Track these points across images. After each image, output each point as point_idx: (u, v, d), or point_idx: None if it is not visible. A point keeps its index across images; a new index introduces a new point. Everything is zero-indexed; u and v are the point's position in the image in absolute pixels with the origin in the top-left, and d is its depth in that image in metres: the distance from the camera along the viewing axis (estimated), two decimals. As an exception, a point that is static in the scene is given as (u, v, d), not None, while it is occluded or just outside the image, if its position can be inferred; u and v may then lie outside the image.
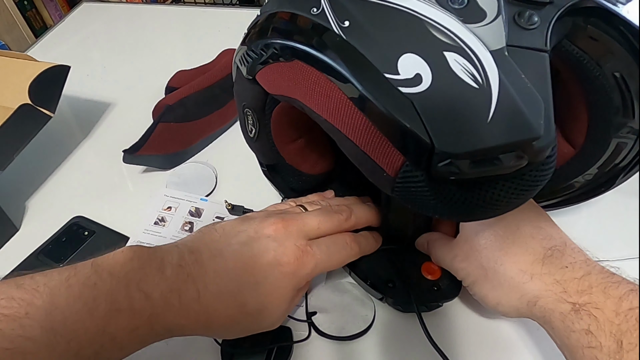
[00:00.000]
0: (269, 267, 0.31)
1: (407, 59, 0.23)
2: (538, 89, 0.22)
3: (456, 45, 0.22)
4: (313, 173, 0.41)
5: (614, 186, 0.34)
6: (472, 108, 0.21)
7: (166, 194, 0.49)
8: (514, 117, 0.21)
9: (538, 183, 0.24)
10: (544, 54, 0.23)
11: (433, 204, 0.25)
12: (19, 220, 0.49)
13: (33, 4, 1.44)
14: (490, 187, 0.24)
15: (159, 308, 0.28)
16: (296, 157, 0.39)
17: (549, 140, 0.22)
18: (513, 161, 0.22)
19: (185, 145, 0.54)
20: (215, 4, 1.01)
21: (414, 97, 0.22)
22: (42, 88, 0.50)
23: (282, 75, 0.29)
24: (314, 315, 0.38)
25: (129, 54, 0.77)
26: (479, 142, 0.21)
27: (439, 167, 0.22)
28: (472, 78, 0.22)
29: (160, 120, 0.52)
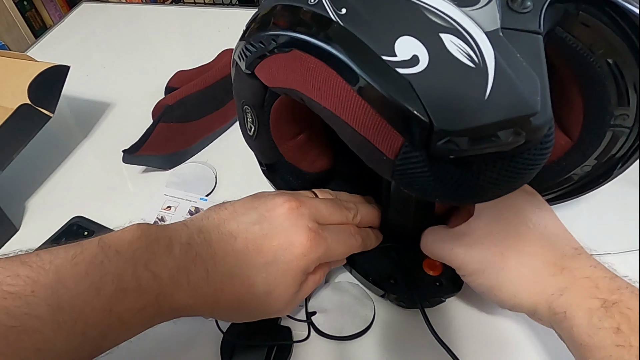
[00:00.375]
0: (279, 247, 0.30)
1: (404, 41, 0.23)
2: (533, 68, 0.22)
3: (451, 27, 0.23)
4: (312, 171, 0.41)
5: (612, 177, 0.35)
6: (469, 86, 0.22)
7: (166, 193, 0.49)
8: (510, 94, 0.22)
9: (536, 162, 0.24)
10: (537, 36, 0.23)
11: (433, 185, 0.25)
12: (19, 220, 0.49)
13: (33, 4, 1.44)
14: (489, 166, 0.24)
15: (167, 288, 0.27)
16: (295, 154, 0.39)
17: (546, 117, 0.22)
18: (511, 138, 0.22)
19: (185, 145, 0.54)
20: (215, 4, 1.01)
21: (411, 78, 0.22)
22: (41, 88, 0.50)
23: (280, 67, 0.30)
24: (313, 316, 0.38)
25: (129, 54, 0.77)
26: (476, 119, 0.22)
27: (438, 145, 0.22)
28: (468, 58, 0.22)
29: (160, 120, 0.52)
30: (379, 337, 0.37)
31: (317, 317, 0.38)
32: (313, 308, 0.38)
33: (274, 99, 0.34)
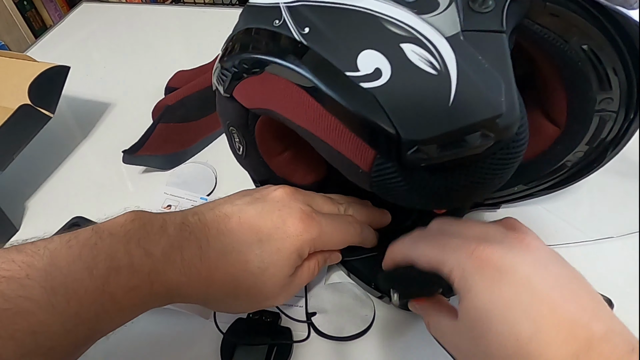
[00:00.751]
0: (273, 226, 0.31)
1: (366, 55, 0.23)
2: (497, 68, 0.22)
3: (411, 37, 0.23)
4: (305, 183, 0.41)
5: (605, 161, 0.35)
6: (432, 94, 0.22)
7: (166, 191, 0.49)
8: (474, 98, 0.22)
9: (511, 161, 0.24)
10: (500, 35, 0.23)
11: (410, 194, 0.25)
12: (19, 220, 0.49)
13: (33, 4, 1.44)
14: (462, 170, 0.24)
15: (160, 264, 0.27)
16: (286, 169, 0.39)
17: (512, 117, 0.22)
18: (479, 141, 0.22)
19: (185, 146, 0.54)
20: (215, 4, 1.01)
21: (375, 91, 0.23)
22: (41, 88, 0.50)
23: (255, 89, 0.30)
24: (313, 316, 0.38)
25: (129, 54, 0.77)
26: (442, 126, 0.22)
27: (408, 155, 0.23)
28: (430, 65, 0.22)
29: (160, 121, 0.52)
30: (379, 338, 0.37)
31: (317, 317, 0.38)
32: (313, 308, 0.38)
33: (256, 118, 0.34)
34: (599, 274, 0.40)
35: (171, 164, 0.53)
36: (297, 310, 0.39)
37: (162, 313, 0.40)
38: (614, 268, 0.40)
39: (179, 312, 0.39)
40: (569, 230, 0.43)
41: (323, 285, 0.40)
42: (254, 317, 0.38)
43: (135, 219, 0.28)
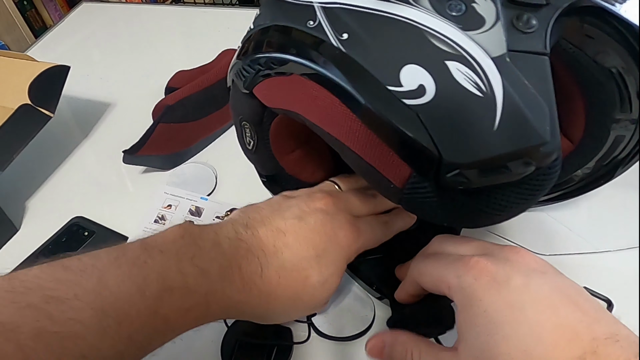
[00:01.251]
0: (327, 240, 0.31)
1: (409, 70, 0.22)
2: (541, 93, 0.22)
3: (457, 54, 0.22)
4: (313, 181, 0.41)
5: (613, 178, 0.34)
6: (477, 117, 0.21)
7: (166, 191, 0.49)
8: (519, 124, 0.21)
9: (544, 187, 0.24)
10: (544, 57, 0.22)
11: (440, 212, 0.25)
12: (19, 220, 0.49)
13: (33, 4, 1.44)
14: (497, 194, 0.24)
15: (217, 284, 0.26)
16: (296, 166, 0.39)
17: (554, 145, 0.22)
18: (521, 168, 0.22)
19: (185, 146, 0.54)
20: (215, 4, 1.01)
21: (418, 109, 0.22)
22: (42, 88, 0.50)
23: (281, 90, 0.29)
24: (313, 316, 0.38)
25: (129, 54, 0.77)
26: (486, 151, 0.21)
27: (448, 177, 0.22)
28: (475, 86, 0.21)
29: (161, 121, 0.52)
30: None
31: (317, 317, 0.38)
32: (313, 308, 0.38)
33: (273, 116, 0.33)
34: (599, 275, 0.40)
35: (171, 164, 0.53)
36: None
37: (162, 313, 0.40)
38: (615, 272, 0.40)
39: (179, 312, 0.39)
40: (573, 238, 0.43)
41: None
42: (254, 317, 0.38)
43: (185, 235, 0.27)
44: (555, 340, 0.22)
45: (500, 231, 0.44)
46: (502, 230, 0.44)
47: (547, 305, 0.23)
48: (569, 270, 0.40)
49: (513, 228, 0.44)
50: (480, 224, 0.27)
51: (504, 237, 0.43)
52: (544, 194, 0.35)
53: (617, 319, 0.24)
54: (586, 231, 0.43)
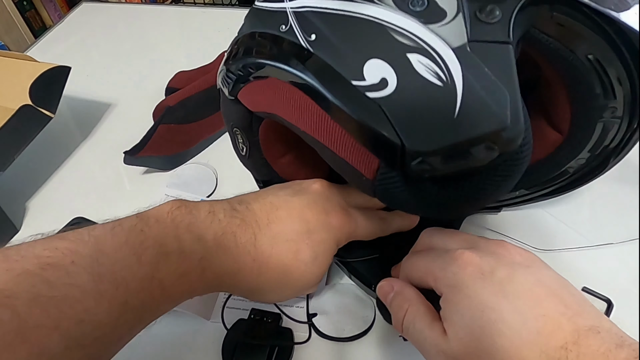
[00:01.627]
0: (319, 217, 0.32)
1: (372, 65, 0.23)
2: (503, 80, 0.22)
3: (418, 47, 0.23)
4: None
5: (607, 168, 0.35)
6: (438, 106, 0.22)
7: (167, 193, 0.49)
8: (479, 110, 0.22)
9: (513, 173, 0.24)
10: (507, 46, 0.23)
11: (413, 202, 0.26)
12: (19, 220, 0.49)
13: (32, 4, 1.44)
14: (466, 181, 0.24)
15: (212, 250, 0.27)
16: (289, 170, 0.39)
17: (517, 130, 0.22)
18: (484, 153, 0.22)
19: (185, 147, 0.54)
20: (215, 4, 1.01)
21: (381, 101, 0.23)
22: (42, 89, 0.50)
23: (260, 93, 0.30)
24: (314, 317, 0.38)
25: (129, 54, 0.77)
26: (447, 138, 0.22)
27: (413, 165, 0.23)
28: (436, 76, 0.22)
29: (161, 122, 0.52)
30: (380, 338, 0.37)
31: (318, 318, 0.38)
32: (314, 309, 0.38)
33: (260, 120, 0.34)
34: (599, 275, 0.40)
35: (172, 164, 0.53)
36: (298, 311, 0.39)
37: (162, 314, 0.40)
38: (614, 269, 0.40)
39: (180, 313, 0.39)
40: (570, 234, 0.43)
41: (324, 286, 0.40)
42: (255, 317, 0.38)
43: (181, 206, 0.28)
44: (538, 329, 0.22)
45: (497, 227, 0.44)
46: (498, 226, 0.44)
47: (530, 297, 0.24)
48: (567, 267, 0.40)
49: (509, 224, 0.44)
50: (454, 213, 0.27)
51: (500, 233, 0.43)
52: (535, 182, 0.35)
53: (600, 312, 0.24)
54: (582, 226, 0.43)
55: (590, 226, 0.43)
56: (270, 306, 0.39)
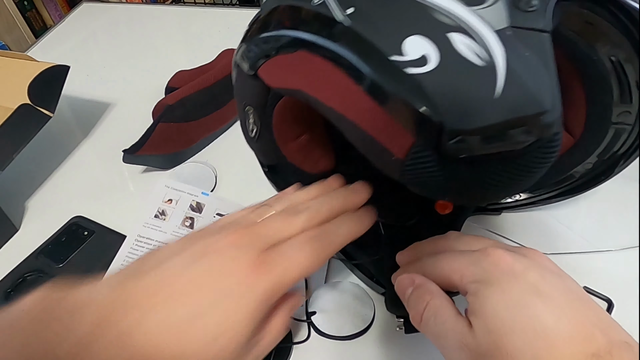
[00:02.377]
0: (220, 286, 0.25)
1: (412, 41, 0.23)
2: (542, 66, 0.22)
3: (459, 27, 0.23)
4: (315, 172, 0.41)
5: (613, 174, 0.35)
6: (479, 85, 0.22)
7: (167, 184, 0.48)
8: (520, 93, 0.22)
9: (545, 160, 0.24)
10: (546, 34, 0.23)
11: (443, 185, 0.25)
12: (19, 220, 0.49)
13: (33, 4, 1.44)
14: (499, 165, 0.24)
15: (85, 344, 0.22)
16: (298, 155, 0.39)
17: (556, 115, 0.22)
18: (521, 136, 0.22)
19: (185, 145, 0.54)
20: (215, 4, 1.01)
21: (421, 77, 0.22)
22: (41, 88, 0.50)
23: (285, 67, 0.29)
24: (313, 315, 0.38)
25: (129, 54, 0.77)
26: (487, 118, 0.22)
27: (449, 145, 0.22)
28: (477, 56, 0.22)
29: (160, 120, 0.52)
30: (380, 336, 0.37)
31: (317, 316, 0.38)
32: (313, 307, 0.38)
33: (276, 100, 0.34)
34: (600, 275, 0.40)
35: (171, 163, 0.53)
36: (298, 310, 0.39)
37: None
38: (615, 269, 0.40)
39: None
40: (571, 237, 0.43)
41: (323, 285, 0.40)
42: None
43: (53, 294, 0.24)
44: (572, 333, 0.22)
45: (502, 231, 0.44)
46: (504, 230, 0.44)
47: (563, 301, 0.23)
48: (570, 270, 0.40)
49: (515, 227, 0.44)
50: (480, 198, 0.27)
51: (501, 235, 0.43)
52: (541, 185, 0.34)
53: (623, 328, 0.24)
54: (586, 231, 0.43)
55: (592, 229, 0.43)
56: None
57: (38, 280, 0.41)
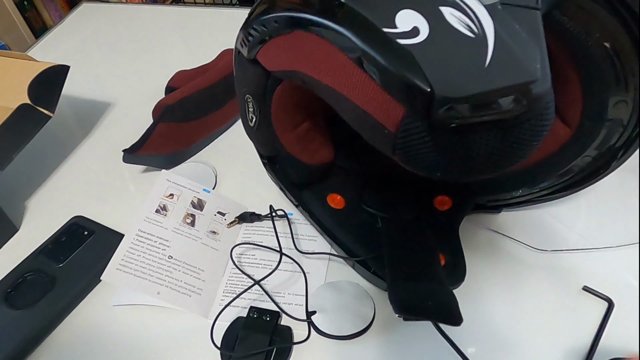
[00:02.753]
0: None
1: (404, 14, 0.24)
2: (532, 39, 0.23)
3: (451, 1, 0.23)
4: (313, 163, 0.41)
5: (612, 169, 0.35)
6: (469, 55, 0.22)
7: (169, 178, 0.48)
8: (510, 62, 0.22)
9: (537, 134, 0.24)
10: (536, 12, 0.23)
11: (435, 158, 0.25)
12: (19, 220, 0.49)
13: (33, 4, 1.44)
14: (490, 136, 0.24)
15: None
16: (296, 145, 0.39)
17: (545, 85, 0.22)
18: (512, 105, 0.22)
19: (185, 145, 0.54)
20: (215, 4, 1.01)
21: (412, 48, 0.23)
22: (41, 88, 0.50)
23: (282, 49, 0.30)
24: (313, 315, 0.38)
25: (129, 54, 0.77)
26: (477, 85, 0.22)
27: (440, 113, 0.23)
28: (468, 28, 0.23)
29: (160, 120, 0.52)
30: (380, 336, 0.37)
31: (317, 316, 0.38)
32: (313, 307, 0.38)
33: (275, 86, 0.34)
34: (600, 275, 0.40)
35: (171, 163, 0.53)
36: (298, 309, 0.39)
37: (162, 312, 0.40)
38: (615, 269, 0.40)
39: (179, 312, 0.39)
40: (570, 235, 0.43)
41: (323, 284, 0.40)
42: (254, 315, 0.38)
43: None
44: None
45: (497, 227, 0.44)
46: (499, 226, 0.44)
47: None
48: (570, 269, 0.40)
49: (514, 225, 0.44)
50: (474, 174, 0.27)
51: (500, 233, 0.43)
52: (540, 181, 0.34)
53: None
54: (586, 229, 0.43)
55: (590, 228, 0.43)
56: (269, 304, 0.39)
57: (38, 280, 0.41)
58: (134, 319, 0.40)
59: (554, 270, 0.40)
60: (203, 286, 0.41)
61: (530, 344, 0.36)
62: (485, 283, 0.40)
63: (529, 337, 0.36)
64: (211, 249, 0.44)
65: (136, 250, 0.41)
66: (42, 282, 0.41)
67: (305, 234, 0.45)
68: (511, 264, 0.41)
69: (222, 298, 0.40)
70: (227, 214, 0.47)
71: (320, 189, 0.43)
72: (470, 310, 0.38)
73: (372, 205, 0.42)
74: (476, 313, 0.38)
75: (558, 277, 0.40)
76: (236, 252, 0.44)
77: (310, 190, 0.43)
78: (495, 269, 0.41)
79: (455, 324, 0.30)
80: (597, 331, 0.36)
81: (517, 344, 0.36)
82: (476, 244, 0.43)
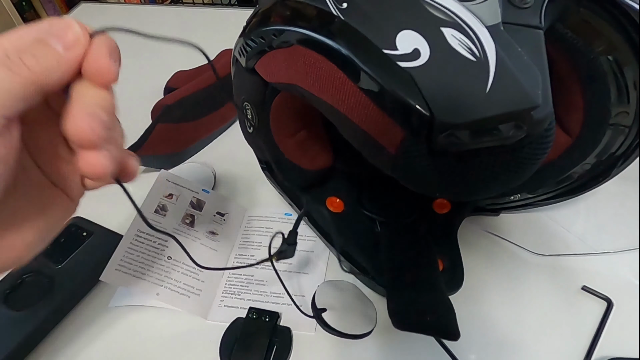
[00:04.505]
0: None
1: (405, 35, 0.23)
2: (534, 62, 0.22)
3: (452, 21, 0.23)
4: (312, 168, 0.41)
5: (611, 176, 0.35)
6: (470, 80, 0.22)
7: (168, 178, 0.47)
8: (511, 88, 0.22)
9: (536, 157, 0.24)
10: (538, 31, 0.23)
11: (433, 180, 0.25)
12: (18, 220, 0.49)
13: (31, 5, 1.44)
14: (490, 161, 0.24)
15: None
16: (295, 151, 0.39)
17: (546, 111, 0.22)
18: (512, 131, 0.22)
19: (184, 146, 0.54)
20: (215, 4, 1.01)
21: (412, 71, 0.23)
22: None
23: (281, 62, 0.30)
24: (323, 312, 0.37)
25: (127, 54, 0.76)
26: (478, 112, 0.22)
27: (440, 138, 0.22)
28: (469, 51, 0.22)
29: (159, 121, 0.52)
30: (381, 336, 0.37)
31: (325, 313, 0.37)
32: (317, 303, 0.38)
33: (274, 95, 0.34)
34: (599, 275, 0.40)
35: (170, 164, 0.53)
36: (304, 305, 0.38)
37: (161, 312, 0.40)
38: (614, 269, 0.40)
39: (179, 312, 0.39)
40: (569, 238, 0.43)
41: (323, 282, 0.40)
42: (253, 316, 0.38)
43: None
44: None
45: (501, 232, 0.44)
46: (497, 229, 0.44)
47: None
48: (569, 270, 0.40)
49: (513, 228, 0.44)
50: (472, 195, 0.27)
51: (499, 236, 0.43)
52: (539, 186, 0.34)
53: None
54: (585, 232, 0.43)
55: (590, 231, 0.43)
56: (269, 305, 0.39)
57: (37, 281, 0.41)
58: (133, 320, 0.40)
59: (553, 271, 0.40)
60: (202, 287, 0.41)
61: (529, 344, 0.36)
62: (483, 285, 0.40)
63: (528, 337, 0.36)
64: (210, 250, 0.44)
65: (135, 250, 0.41)
66: (40, 283, 0.41)
67: (305, 234, 0.45)
68: (510, 266, 0.41)
69: (222, 299, 0.40)
70: (226, 214, 0.47)
71: (319, 192, 0.43)
72: (469, 313, 0.38)
73: (371, 209, 0.42)
74: (475, 315, 0.38)
75: (557, 277, 0.40)
76: (235, 252, 0.44)
77: (309, 193, 0.43)
78: (493, 271, 0.41)
79: (452, 339, 0.30)
80: (596, 331, 0.36)
81: (516, 344, 0.36)
82: (475, 247, 0.43)
